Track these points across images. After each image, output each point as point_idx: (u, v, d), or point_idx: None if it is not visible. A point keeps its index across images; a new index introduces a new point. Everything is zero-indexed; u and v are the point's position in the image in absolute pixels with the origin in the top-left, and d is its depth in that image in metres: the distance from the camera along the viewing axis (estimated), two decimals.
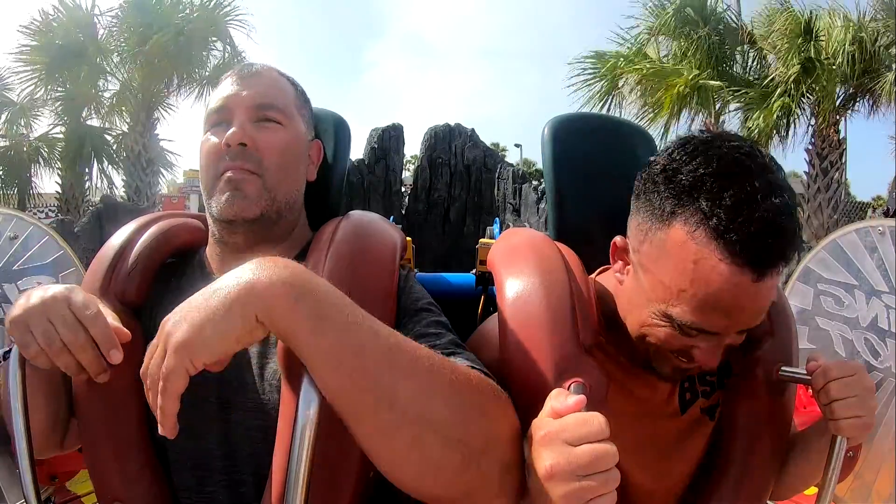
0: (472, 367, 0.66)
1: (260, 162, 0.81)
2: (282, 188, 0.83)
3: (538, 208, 8.78)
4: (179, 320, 0.57)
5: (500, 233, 1.27)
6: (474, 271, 1.40)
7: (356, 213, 0.86)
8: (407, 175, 10.95)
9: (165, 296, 0.83)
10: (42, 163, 10.05)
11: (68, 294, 0.69)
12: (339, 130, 1.00)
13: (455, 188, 10.18)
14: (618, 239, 0.80)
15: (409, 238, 1.07)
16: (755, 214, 0.64)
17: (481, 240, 1.49)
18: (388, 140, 10.20)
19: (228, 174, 0.80)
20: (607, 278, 0.88)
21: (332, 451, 0.63)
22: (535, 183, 9.44)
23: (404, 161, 10.77)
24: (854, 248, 1.90)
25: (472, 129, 10.43)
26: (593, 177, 1.00)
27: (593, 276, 0.90)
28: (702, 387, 0.88)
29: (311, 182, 0.91)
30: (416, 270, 1.25)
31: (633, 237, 0.77)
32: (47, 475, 1.57)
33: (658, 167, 0.73)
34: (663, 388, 0.86)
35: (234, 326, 0.55)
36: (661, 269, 0.71)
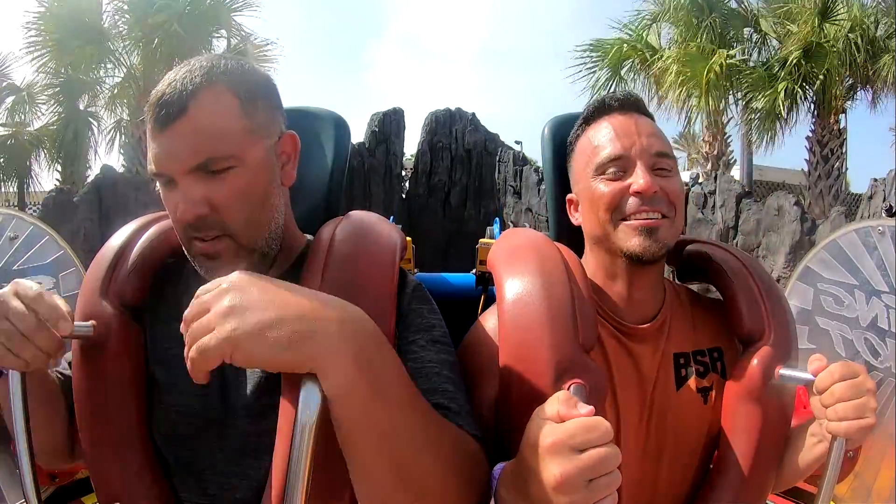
0: (466, 431, 0.70)
1: (224, 224, 0.72)
2: (259, 233, 0.75)
3: (539, 189, 8.79)
4: (243, 309, 0.55)
5: (500, 233, 1.27)
6: (474, 271, 1.40)
7: (355, 214, 0.86)
8: (408, 159, 10.95)
9: (163, 301, 0.83)
10: (44, 154, 10.08)
11: (13, 287, 0.72)
12: (338, 130, 1.00)
13: (456, 172, 10.24)
14: (569, 196, 0.96)
15: (409, 238, 1.07)
16: (616, 93, 0.94)
17: (481, 240, 1.50)
18: (389, 124, 10.22)
19: (200, 250, 0.73)
20: (585, 260, 0.95)
21: (332, 451, 0.63)
22: (535, 165, 9.49)
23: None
24: (854, 248, 1.90)
25: (473, 114, 10.46)
26: None
27: None
28: (696, 365, 0.90)
29: (314, 177, 0.89)
30: (416, 271, 1.25)
31: (572, 181, 0.96)
32: (47, 475, 1.57)
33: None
34: (658, 357, 0.88)
35: (285, 361, 0.55)
36: (583, 159, 0.92)
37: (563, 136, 1.00)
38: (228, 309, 0.55)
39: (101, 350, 0.78)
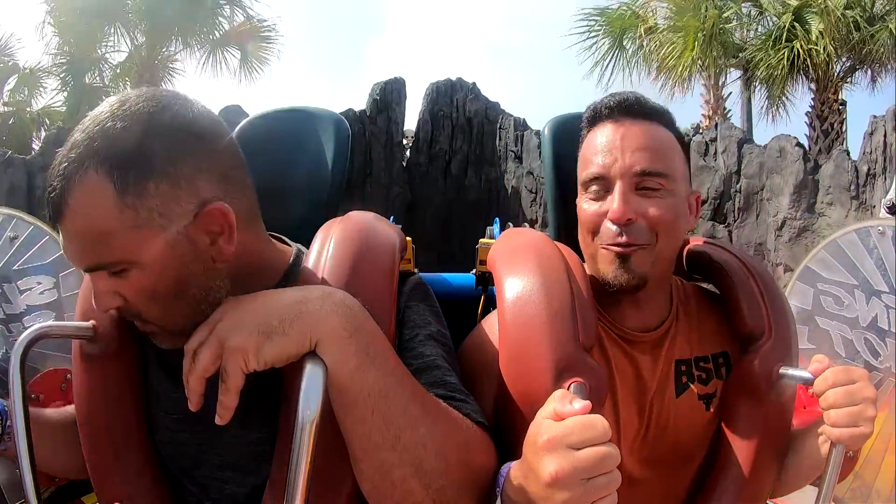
0: (471, 418, 0.70)
1: (141, 314, 0.67)
2: (181, 320, 0.68)
3: (540, 153, 8.86)
4: (237, 322, 0.61)
5: (500, 233, 1.27)
6: (474, 271, 1.40)
7: (354, 215, 0.85)
8: (408, 130, 10.97)
9: None
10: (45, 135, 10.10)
11: None
12: (338, 130, 1.00)
13: (457, 141, 10.32)
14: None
15: (409, 238, 1.07)
16: (611, 97, 0.88)
17: (481, 240, 1.49)
18: (391, 93, 10.27)
19: (138, 324, 0.70)
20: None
21: (331, 448, 0.63)
22: (535, 129, 9.54)
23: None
24: (854, 248, 1.90)
25: (474, 83, 10.49)
26: None
27: None
28: (697, 372, 0.89)
29: (314, 177, 0.88)
30: (416, 271, 1.25)
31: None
32: (47, 475, 1.57)
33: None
34: (660, 364, 0.87)
35: (289, 345, 0.60)
36: (580, 163, 0.89)
37: (563, 136, 1.00)
38: (225, 327, 0.61)
39: (101, 350, 0.78)
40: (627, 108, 0.86)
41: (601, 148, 0.84)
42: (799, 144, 6.79)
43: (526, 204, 9.10)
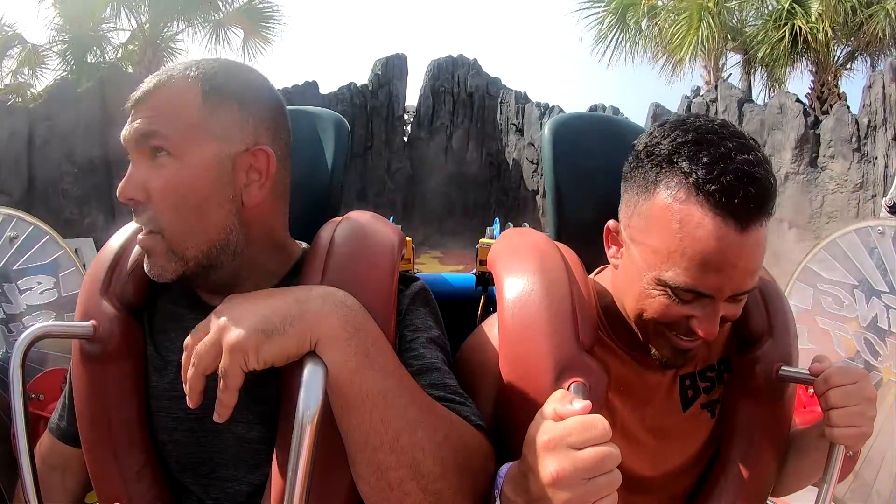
0: (470, 421, 0.70)
1: (155, 218, 0.70)
2: (190, 242, 0.71)
3: (541, 123, 8.90)
4: (237, 320, 0.61)
5: (500, 233, 1.27)
6: (474, 271, 1.40)
7: (354, 215, 0.85)
8: (410, 105, 11.00)
9: (160, 305, 0.83)
10: None
11: None
12: (338, 130, 1.00)
13: (458, 116, 10.45)
14: (610, 223, 0.82)
15: (409, 239, 1.07)
16: (731, 167, 0.68)
17: (481, 240, 1.50)
18: (392, 68, 10.38)
19: (139, 241, 0.73)
20: (604, 276, 0.90)
21: (331, 450, 0.64)
22: (536, 102, 9.56)
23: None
24: (854, 248, 1.90)
25: (475, 59, 10.59)
26: (594, 176, 1.00)
27: (591, 275, 0.91)
28: (703, 383, 0.89)
29: (314, 177, 0.88)
30: (415, 270, 1.25)
31: (623, 216, 0.80)
32: None
33: (640, 146, 0.77)
34: (664, 381, 0.86)
35: (289, 345, 0.60)
36: (650, 236, 0.73)
37: (563, 136, 1.00)
38: (225, 325, 0.61)
39: (101, 350, 0.78)
40: (759, 206, 0.68)
41: (711, 257, 0.68)
42: (798, 100, 6.81)
43: (527, 175, 9.12)
